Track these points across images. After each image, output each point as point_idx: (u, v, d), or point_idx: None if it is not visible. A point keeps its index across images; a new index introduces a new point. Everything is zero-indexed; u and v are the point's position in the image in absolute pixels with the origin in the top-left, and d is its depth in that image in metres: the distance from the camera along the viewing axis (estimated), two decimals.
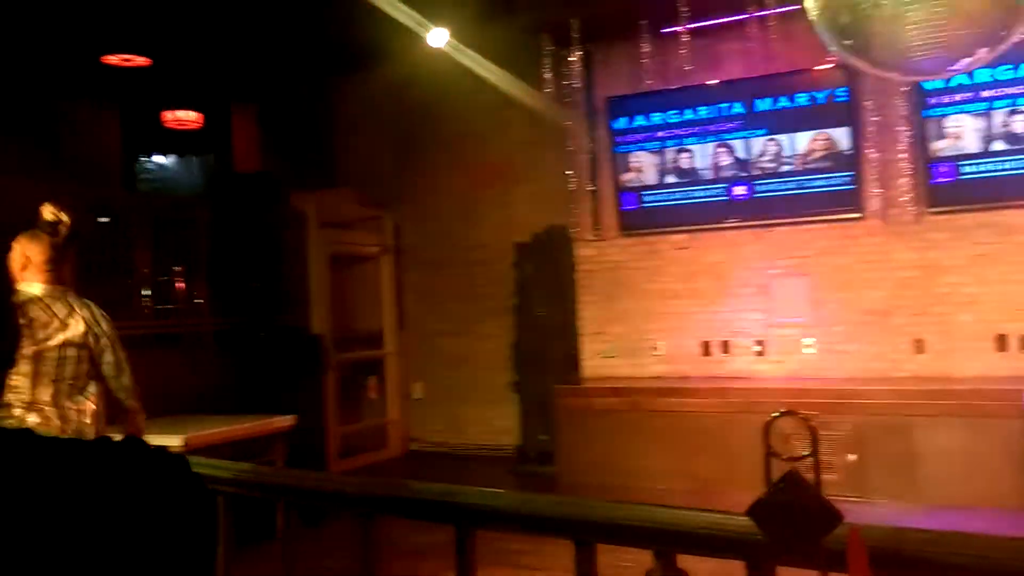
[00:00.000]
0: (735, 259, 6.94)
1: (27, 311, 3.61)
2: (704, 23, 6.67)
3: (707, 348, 7.02)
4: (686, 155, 7.04)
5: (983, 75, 5.98)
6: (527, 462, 7.51)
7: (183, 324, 6.81)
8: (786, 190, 6.71)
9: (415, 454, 8.58)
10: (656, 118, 7.11)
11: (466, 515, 1.73)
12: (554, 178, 7.70)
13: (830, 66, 6.26)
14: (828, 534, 1.12)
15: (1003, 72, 5.99)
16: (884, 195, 6.42)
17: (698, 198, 7.00)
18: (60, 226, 3.68)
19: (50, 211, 3.69)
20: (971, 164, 6.14)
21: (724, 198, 6.91)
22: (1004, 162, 6.04)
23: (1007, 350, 6.06)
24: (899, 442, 5.70)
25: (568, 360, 7.52)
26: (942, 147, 6.21)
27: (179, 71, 8.53)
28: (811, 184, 6.62)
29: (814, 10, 2.75)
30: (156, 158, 11.14)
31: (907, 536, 1.20)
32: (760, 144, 6.78)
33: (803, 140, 6.64)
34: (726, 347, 6.96)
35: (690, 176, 7.03)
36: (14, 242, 3.67)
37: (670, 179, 7.10)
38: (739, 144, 6.85)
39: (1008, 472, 5.38)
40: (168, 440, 4.52)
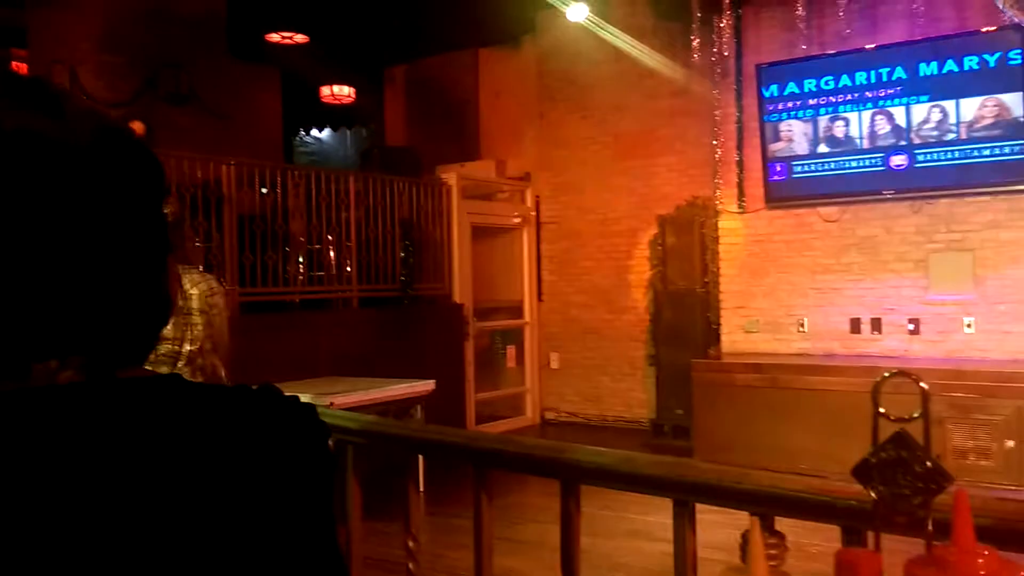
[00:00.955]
0: (890, 232, 6.62)
1: None
2: None
3: (856, 325, 6.72)
4: (840, 123, 6.72)
5: None
6: (661, 436, 7.45)
7: (333, 290, 7.15)
8: (950, 160, 6.30)
9: (549, 423, 8.68)
10: (809, 85, 6.83)
11: (571, 470, 1.77)
12: (698, 149, 7.55)
13: (1002, 27, 5.82)
14: (935, 496, 1.05)
15: None
16: None
17: (852, 168, 6.69)
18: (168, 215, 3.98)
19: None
20: None
21: (881, 168, 6.57)
22: None
23: None
24: None
25: (708, 334, 7.40)
26: None
27: (335, 48, 8.91)
28: (978, 153, 6.19)
29: None
30: (313, 132, 11.73)
31: (1017, 508, 1.13)
32: (923, 111, 6.39)
33: (970, 106, 6.20)
34: (877, 325, 6.64)
35: (844, 145, 6.72)
36: None
37: (822, 148, 6.81)
38: (899, 111, 6.48)
39: None
40: (314, 401, 4.77)
